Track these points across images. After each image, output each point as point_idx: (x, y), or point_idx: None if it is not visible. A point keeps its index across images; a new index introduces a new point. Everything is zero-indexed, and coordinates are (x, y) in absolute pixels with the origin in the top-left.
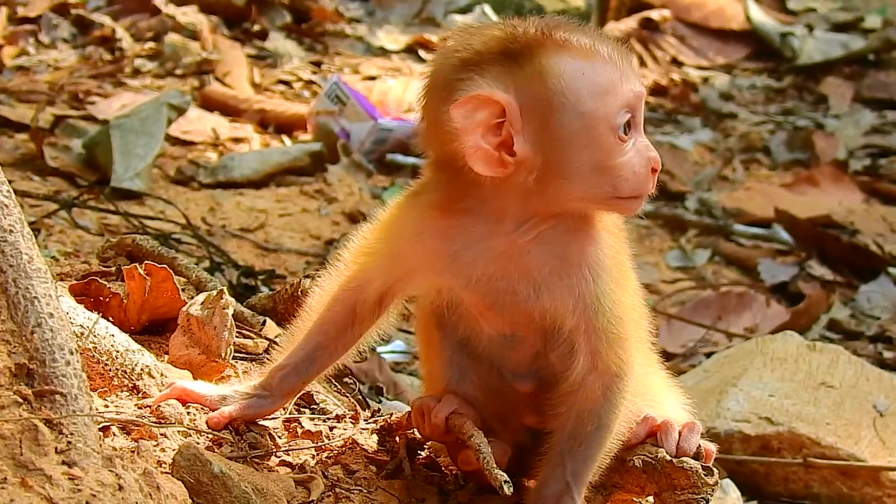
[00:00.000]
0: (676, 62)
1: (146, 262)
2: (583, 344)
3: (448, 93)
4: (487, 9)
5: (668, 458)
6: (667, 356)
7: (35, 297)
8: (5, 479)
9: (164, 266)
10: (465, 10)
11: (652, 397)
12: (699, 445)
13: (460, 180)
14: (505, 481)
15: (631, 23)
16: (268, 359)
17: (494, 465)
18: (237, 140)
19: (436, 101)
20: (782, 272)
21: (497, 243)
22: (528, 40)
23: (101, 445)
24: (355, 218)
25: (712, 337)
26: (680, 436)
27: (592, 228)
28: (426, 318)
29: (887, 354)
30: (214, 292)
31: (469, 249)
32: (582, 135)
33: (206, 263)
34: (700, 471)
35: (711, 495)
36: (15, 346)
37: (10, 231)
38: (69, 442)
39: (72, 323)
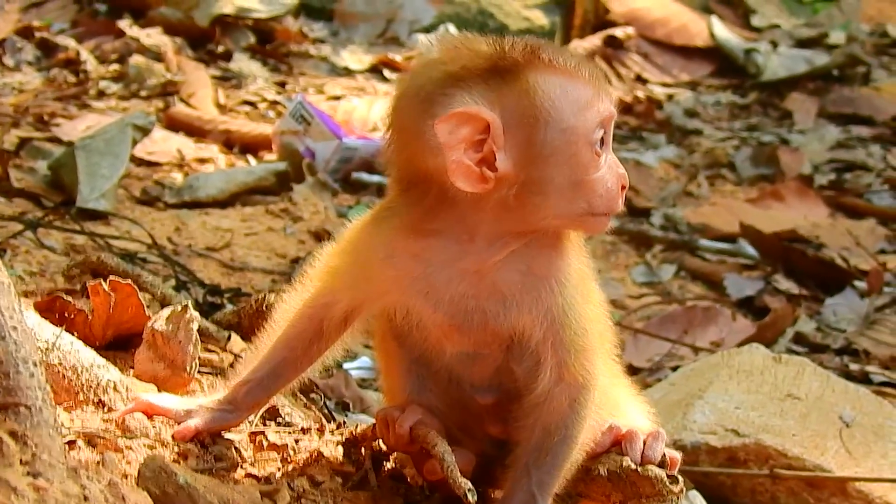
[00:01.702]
0: (641, 79)
1: (111, 277)
2: (549, 356)
3: (429, 105)
4: (451, 28)
5: (633, 466)
6: (633, 370)
7: None
8: None
9: (129, 282)
10: (429, 29)
11: (616, 407)
12: (664, 454)
13: (430, 199)
14: (469, 489)
15: (595, 40)
16: (233, 373)
17: (458, 474)
18: (202, 160)
19: (414, 113)
20: (748, 286)
21: (469, 263)
22: (517, 58)
23: (65, 457)
24: (321, 236)
25: (678, 351)
26: (645, 444)
27: (559, 243)
28: (384, 330)
29: (853, 367)
30: (179, 307)
31: (441, 271)
32: (563, 150)
33: (172, 282)
34: (665, 479)
35: (677, 503)
36: None
37: None
38: (34, 453)
39: (37, 339)
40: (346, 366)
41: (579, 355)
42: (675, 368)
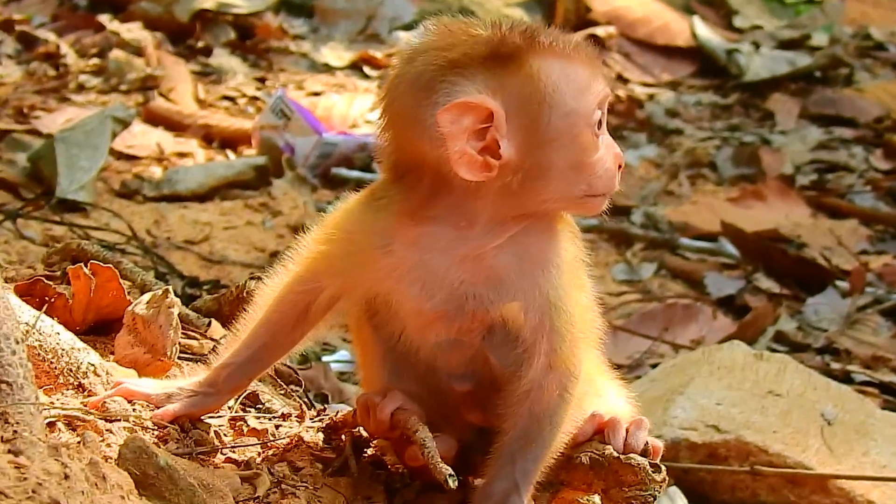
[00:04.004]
0: (622, 79)
1: (91, 262)
2: (543, 344)
3: (429, 93)
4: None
5: (616, 454)
6: (613, 367)
7: None
8: None
9: (110, 265)
10: (409, 27)
11: (599, 394)
12: (647, 442)
13: (426, 185)
14: (450, 475)
15: None
16: (214, 357)
17: (439, 460)
18: (182, 155)
19: (413, 100)
20: (729, 285)
21: (467, 249)
22: (517, 43)
23: (46, 435)
24: (300, 231)
25: (658, 349)
26: (627, 432)
27: (554, 227)
28: (359, 317)
29: (835, 366)
30: (160, 291)
31: (439, 258)
32: (566, 133)
33: (152, 274)
34: (647, 467)
35: (659, 492)
36: None
37: None
38: (15, 431)
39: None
40: (325, 358)
41: (571, 343)
42: (654, 366)
